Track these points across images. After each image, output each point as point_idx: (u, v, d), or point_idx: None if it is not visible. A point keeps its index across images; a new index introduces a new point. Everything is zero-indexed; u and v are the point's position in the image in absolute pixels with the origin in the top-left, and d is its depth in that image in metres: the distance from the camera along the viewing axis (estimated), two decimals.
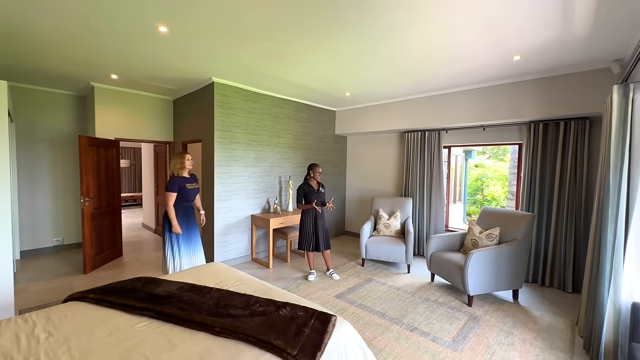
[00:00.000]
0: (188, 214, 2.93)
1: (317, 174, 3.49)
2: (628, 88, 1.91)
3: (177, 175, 2.84)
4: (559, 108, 3.11)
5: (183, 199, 2.86)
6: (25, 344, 1.40)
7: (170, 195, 2.76)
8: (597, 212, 2.28)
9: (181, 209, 2.86)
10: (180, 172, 2.85)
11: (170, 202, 2.76)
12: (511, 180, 5.80)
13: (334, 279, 3.49)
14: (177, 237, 2.82)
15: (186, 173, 2.90)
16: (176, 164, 2.85)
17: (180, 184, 2.81)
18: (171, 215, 2.76)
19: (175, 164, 2.85)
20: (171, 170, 2.87)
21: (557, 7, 1.90)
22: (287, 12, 2.04)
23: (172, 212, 2.77)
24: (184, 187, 2.83)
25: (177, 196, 2.80)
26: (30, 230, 4.18)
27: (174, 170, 2.85)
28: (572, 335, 2.41)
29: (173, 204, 2.78)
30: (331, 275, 3.54)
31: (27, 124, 4.09)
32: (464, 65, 2.99)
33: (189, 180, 2.91)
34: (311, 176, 3.50)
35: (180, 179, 2.83)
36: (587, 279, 2.33)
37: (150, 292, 1.89)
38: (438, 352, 2.17)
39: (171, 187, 2.77)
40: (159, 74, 3.47)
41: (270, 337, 1.42)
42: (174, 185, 2.78)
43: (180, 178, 2.83)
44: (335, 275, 3.54)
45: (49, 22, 2.23)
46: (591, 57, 2.67)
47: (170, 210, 2.76)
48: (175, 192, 2.78)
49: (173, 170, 2.85)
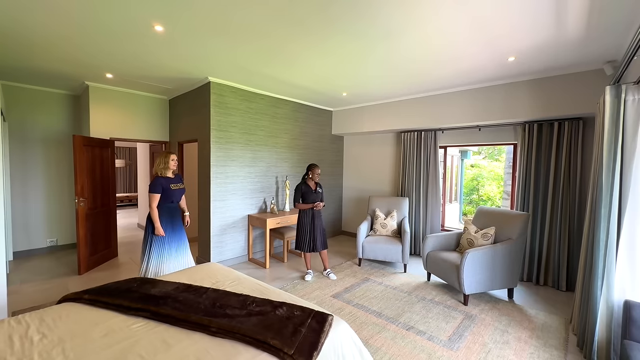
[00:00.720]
0: (173, 216, 2.84)
1: (316, 175, 3.51)
2: (620, 89, 1.93)
3: (161, 175, 2.75)
4: (553, 108, 3.15)
5: (167, 200, 2.77)
6: (19, 345, 1.38)
7: (154, 196, 2.66)
8: (590, 211, 2.31)
9: (166, 210, 2.77)
10: (164, 172, 2.77)
11: (153, 203, 2.66)
12: (506, 180, 5.85)
13: (331, 278, 3.50)
14: (162, 239, 2.72)
15: (170, 173, 2.82)
16: (160, 163, 2.76)
17: (164, 185, 2.71)
18: (154, 217, 2.66)
19: (159, 163, 2.76)
20: (154, 170, 2.77)
21: (551, 9, 1.92)
22: (284, 12, 2.04)
23: (156, 214, 2.67)
24: (168, 188, 2.73)
25: (161, 197, 2.71)
26: (24, 231, 4.13)
27: (157, 170, 2.76)
28: (566, 333, 2.44)
29: (157, 205, 2.69)
30: (328, 275, 3.55)
31: (21, 123, 4.04)
32: (459, 66, 3.01)
33: (173, 181, 2.82)
34: (310, 176, 3.50)
35: (164, 179, 2.74)
36: (581, 277, 2.36)
37: (146, 292, 1.88)
38: (434, 350, 2.18)
39: (154, 189, 2.67)
40: (154, 73, 3.44)
41: (266, 337, 1.42)
42: (157, 186, 2.68)
43: (164, 178, 2.74)
44: (332, 275, 3.55)
45: (43, 21, 2.20)
46: (584, 58, 2.70)
47: (153, 212, 2.66)
48: (158, 193, 2.68)
49: (156, 170, 2.76)
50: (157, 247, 2.72)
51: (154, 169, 2.79)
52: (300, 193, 3.46)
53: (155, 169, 2.78)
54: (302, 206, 3.44)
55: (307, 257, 3.57)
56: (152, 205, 2.67)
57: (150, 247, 2.71)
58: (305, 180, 3.52)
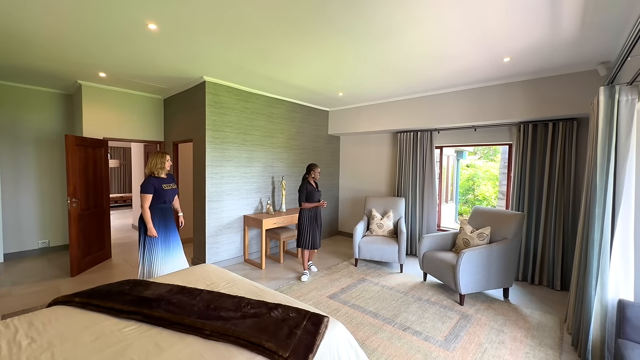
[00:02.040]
0: (166, 216, 2.79)
1: (317, 174, 3.62)
2: (614, 90, 1.95)
3: (155, 175, 2.72)
4: (548, 109, 3.17)
5: (160, 201, 2.73)
6: (6, 350, 1.35)
7: (146, 197, 2.63)
8: (584, 211, 2.33)
9: (158, 211, 2.73)
10: (160, 172, 2.74)
11: (145, 204, 2.63)
12: (501, 180, 5.88)
13: (313, 270, 3.76)
14: (154, 240, 2.68)
15: (164, 174, 2.79)
16: (157, 163, 2.72)
17: (156, 185, 2.68)
18: (147, 218, 2.62)
19: (156, 163, 2.72)
20: (149, 169, 2.72)
21: (546, 10, 1.92)
22: (280, 12, 2.02)
23: (148, 214, 2.63)
24: (160, 188, 2.70)
25: (153, 197, 2.67)
26: (15, 232, 4.05)
27: (153, 170, 2.71)
28: (561, 333, 2.45)
29: (149, 205, 2.66)
30: (310, 266, 3.79)
31: (11, 123, 3.96)
32: (455, 67, 3.02)
33: (166, 181, 2.78)
34: (312, 176, 3.58)
35: (156, 179, 2.70)
36: (575, 276, 2.38)
37: (138, 295, 1.85)
38: (430, 351, 2.18)
39: (146, 189, 2.63)
40: (148, 72, 3.40)
41: (261, 339, 1.40)
42: (149, 187, 2.64)
43: (156, 178, 2.71)
44: (314, 267, 3.81)
45: (34, 19, 2.16)
46: (578, 59, 2.72)
47: (145, 213, 2.63)
48: (150, 193, 2.64)
49: (152, 169, 2.71)
50: (149, 248, 2.68)
51: (147, 168, 2.74)
52: (305, 192, 3.51)
53: (149, 168, 2.72)
54: (309, 205, 3.51)
55: (305, 257, 3.58)
56: (144, 205, 2.63)
57: (143, 249, 2.68)
58: (307, 180, 3.58)
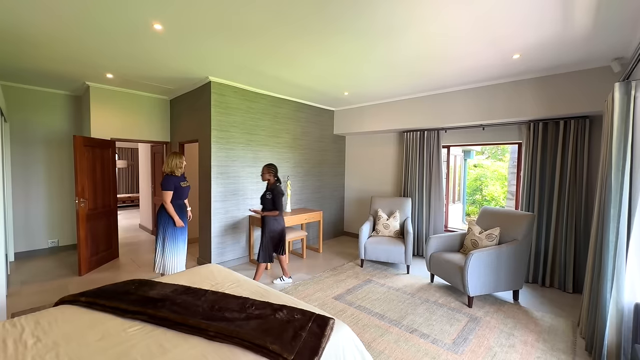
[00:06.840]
0: (182, 212, 3.00)
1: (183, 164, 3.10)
2: (630, 86, 1.88)
3: (174, 174, 2.92)
4: (559, 107, 3.09)
5: (178, 198, 2.95)
6: (12, 349, 1.35)
7: (168, 193, 2.85)
8: (598, 211, 2.25)
9: (176, 207, 2.93)
10: (178, 171, 2.95)
11: (168, 199, 2.85)
12: (510, 180, 5.78)
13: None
14: (174, 234, 2.88)
15: (179, 173, 2.99)
16: (177, 164, 2.93)
17: (176, 183, 2.90)
18: (171, 212, 2.85)
19: (176, 163, 2.93)
20: (170, 168, 2.92)
21: (557, 4, 1.86)
22: (284, 11, 2.00)
23: (171, 208, 2.85)
24: (179, 186, 2.93)
25: (172, 194, 2.88)
26: (25, 232, 4.12)
27: (173, 169, 2.92)
28: (574, 337, 2.38)
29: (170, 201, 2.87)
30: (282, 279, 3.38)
31: (22, 124, 4.03)
32: (463, 64, 2.96)
33: (182, 179, 3.01)
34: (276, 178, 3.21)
35: (175, 177, 2.92)
36: (589, 279, 2.30)
37: (143, 295, 1.85)
38: (438, 354, 2.13)
39: (168, 186, 2.85)
40: (154, 73, 3.42)
41: (265, 341, 1.38)
42: (171, 184, 2.86)
43: (175, 177, 2.92)
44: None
45: (42, 21, 2.18)
46: (591, 55, 2.64)
47: (168, 207, 2.84)
48: (172, 190, 2.86)
49: (173, 169, 2.91)
50: (170, 241, 2.88)
51: (165, 167, 2.94)
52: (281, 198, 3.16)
53: (168, 168, 2.92)
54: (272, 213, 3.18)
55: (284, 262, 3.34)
56: (166, 200, 2.84)
57: (163, 243, 2.88)
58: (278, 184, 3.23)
